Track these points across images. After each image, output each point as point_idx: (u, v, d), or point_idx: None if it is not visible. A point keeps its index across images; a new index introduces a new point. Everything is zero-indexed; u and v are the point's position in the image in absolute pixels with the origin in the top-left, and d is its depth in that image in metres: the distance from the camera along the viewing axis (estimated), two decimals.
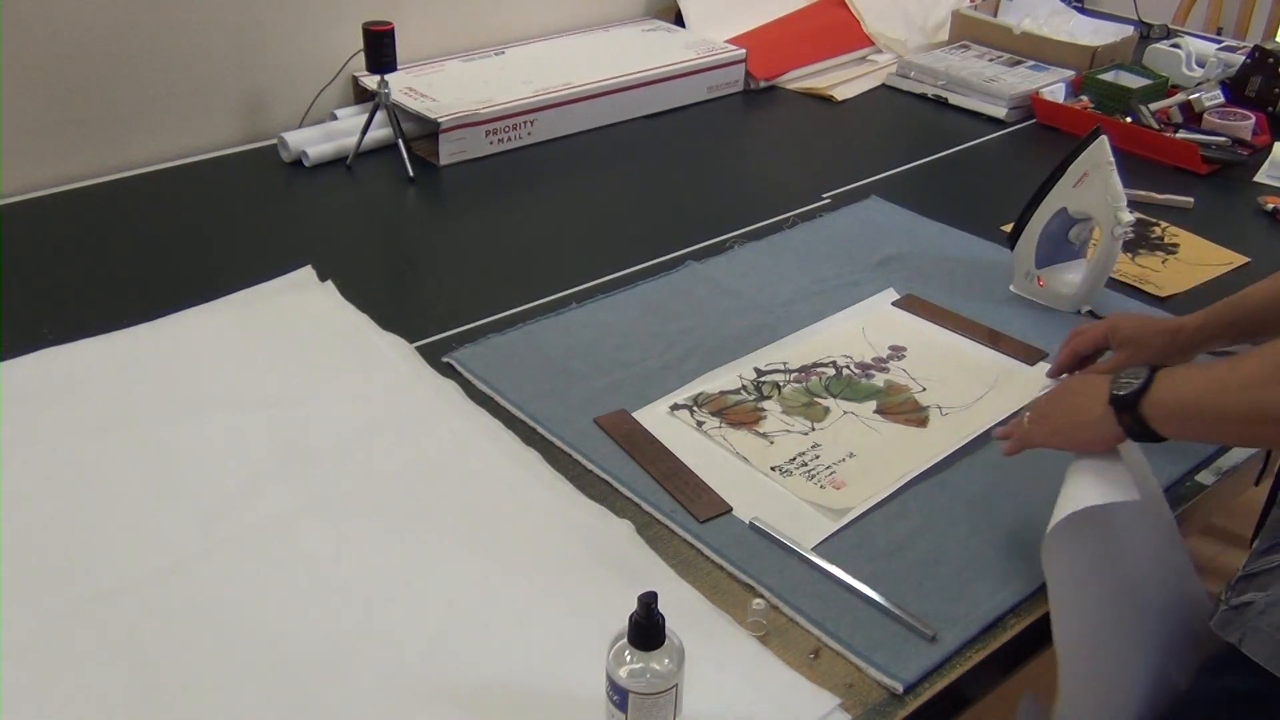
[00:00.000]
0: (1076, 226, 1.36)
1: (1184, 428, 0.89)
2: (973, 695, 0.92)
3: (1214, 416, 0.86)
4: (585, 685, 0.84)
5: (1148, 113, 1.85)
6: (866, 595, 0.94)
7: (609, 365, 1.23)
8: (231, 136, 1.76)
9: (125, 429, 1.11)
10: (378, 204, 1.63)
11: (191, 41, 1.67)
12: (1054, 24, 2.22)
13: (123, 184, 1.62)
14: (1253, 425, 0.84)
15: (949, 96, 2.03)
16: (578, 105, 1.84)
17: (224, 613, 0.91)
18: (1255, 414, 0.83)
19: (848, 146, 1.88)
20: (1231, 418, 0.85)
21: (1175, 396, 0.88)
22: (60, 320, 1.28)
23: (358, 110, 1.79)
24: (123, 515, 1.00)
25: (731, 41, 2.09)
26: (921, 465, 1.10)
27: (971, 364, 1.26)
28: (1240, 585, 0.95)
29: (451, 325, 1.30)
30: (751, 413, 1.17)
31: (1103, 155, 1.28)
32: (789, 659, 0.89)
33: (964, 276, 1.44)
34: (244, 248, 1.47)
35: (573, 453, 1.10)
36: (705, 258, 1.47)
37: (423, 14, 1.91)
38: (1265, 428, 0.84)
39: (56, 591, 0.92)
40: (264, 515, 1.01)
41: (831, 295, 1.38)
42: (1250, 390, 0.83)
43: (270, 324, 1.29)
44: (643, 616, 0.75)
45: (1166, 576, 1.00)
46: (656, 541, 1.00)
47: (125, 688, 0.84)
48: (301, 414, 1.14)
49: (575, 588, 0.95)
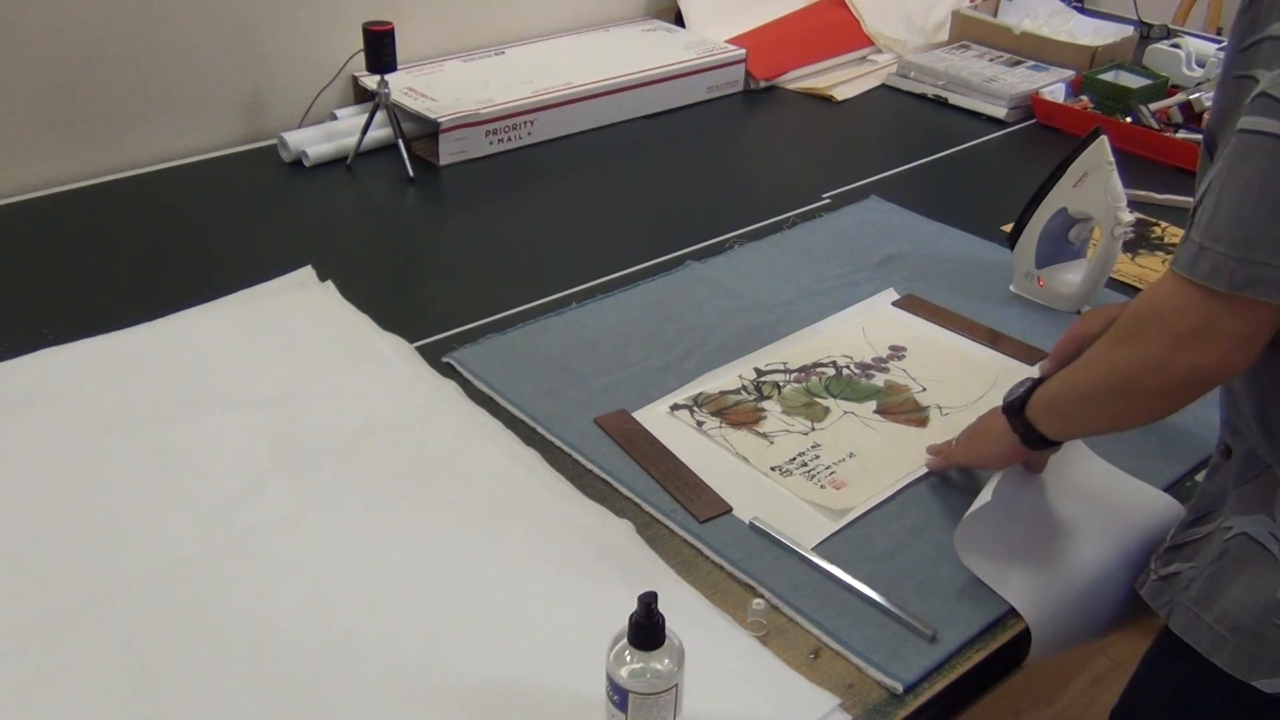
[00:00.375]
0: (1076, 226, 1.36)
1: (1059, 422, 0.92)
2: (973, 695, 0.92)
3: (1076, 398, 0.89)
4: (585, 685, 0.83)
5: (1148, 113, 1.85)
6: (866, 595, 0.94)
7: (609, 365, 1.23)
8: (231, 136, 1.76)
9: (125, 429, 1.11)
10: (378, 204, 1.63)
11: (191, 41, 1.67)
12: (1054, 24, 2.22)
13: (123, 184, 1.62)
14: (1107, 395, 0.85)
15: (949, 96, 2.03)
16: (578, 105, 1.84)
17: (223, 613, 0.91)
18: (1107, 383, 0.85)
19: (848, 146, 1.88)
20: (1091, 394, 0.87)
21: (1046, 393, 0.92)
22: (60, 320, 1.28)
23: (358, 110, 1.79)
24: (122, 516, 1.00)
25: (731, 41, 2.09)
26: (922, 465, 1.10)
27: (971, 364, 1.26)
28: (1167, 556, 0.95)
29: (451, 325, 1.30)
30: (751, 413, 1.17)
31: (1103, 155, 1.28)
32: (789, 659, 0.89)
33: (964, 276, 1.44)
34: (244, 248, 1.47)
35: (573, 453, 1.10)
36: (705, 258, 1.47)
37: (423, 14, 1.90)
38: (1115, 395, 0.85)
39: (56, 592, 0.92)
40: (264, 515, 1.01)
41: (831, 295, 1.38)
42: (1096, 364, 0.86)
43: (270, 324, 1.29)
44: (643, 616, 0.75)
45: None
46: (656, 541, 1.00)
47: (125, 688, 0.84)
48: (301, 414, 1.14)
49: (575, 588, 0.95)
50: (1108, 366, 0.84)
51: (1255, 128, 0.73)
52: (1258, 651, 0.85)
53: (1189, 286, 0.76)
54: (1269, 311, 0.74)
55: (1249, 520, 0.88)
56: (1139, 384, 0.82)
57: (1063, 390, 0.90)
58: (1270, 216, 0.72)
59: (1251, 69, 0.76)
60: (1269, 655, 0.85)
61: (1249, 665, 0.86)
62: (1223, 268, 0.74)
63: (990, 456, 1.00)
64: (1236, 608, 0.87)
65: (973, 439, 1.03)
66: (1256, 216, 0.73)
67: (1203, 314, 0.76)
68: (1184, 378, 0.78)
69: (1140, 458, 1.10)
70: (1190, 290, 0.76)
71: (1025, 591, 0.93)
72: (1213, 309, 0.75)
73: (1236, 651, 0.86)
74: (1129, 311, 0.84)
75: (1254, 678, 0.86)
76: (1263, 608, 0.85)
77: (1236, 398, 0.89)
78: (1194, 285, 0.76)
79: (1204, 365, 0.77)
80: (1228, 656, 0.87)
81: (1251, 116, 0.73)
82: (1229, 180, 0.74)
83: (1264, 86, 0.73)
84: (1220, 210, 0.75)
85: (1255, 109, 0.73)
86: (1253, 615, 0.86)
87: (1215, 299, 0.75)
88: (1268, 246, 0.72)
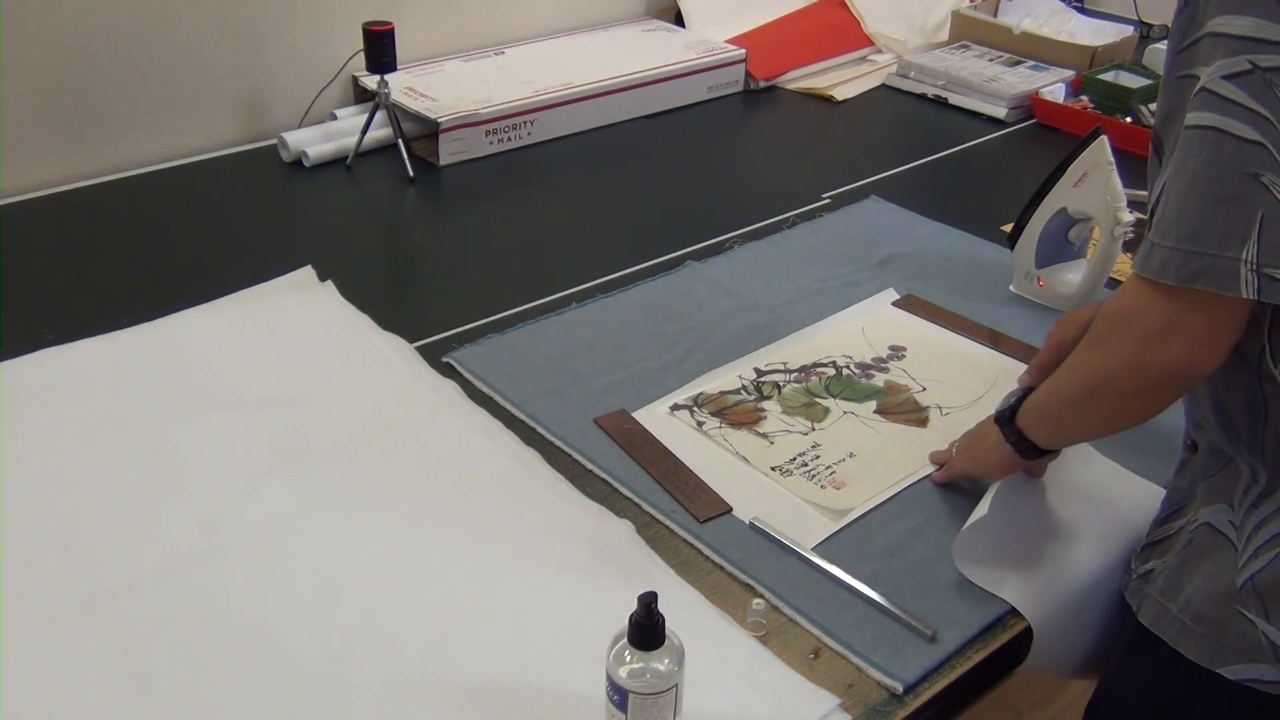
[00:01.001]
0: (1076, 226, 1.36)
1: (1048, 429, 0.93)
2: (973, 695, 0.92)
3: (1060, 405, 0.90)
4: (585, 685, 0.83)
5: (1148, 113, 1.85)
6: (866, 595, 0.94)
7: (609, 365, 1.23)
8: (231, 136, 1.76)
9: (125, 429, 1.11)
10: (378, 204, 1.63)
11: (192, 41, 1.67)
12: (1054, 24, 2.22)
13: (123, 184, 1.62)
14: (1088, 399, 0.86)
15: (949, 96, 2.03)
16: (578, 105, 1.84)
17: (224, 613, 0.91)
18: (1085, 387, 0.85)
19: (848, 146, 1.88)
20: (1072, 400, 0.88)
21: (1034, 402, 0.92)
22: (60, 320, 1.28)
23: (358, 110, 1.79)
24: (122, 515, 1.00)
25: (731, 41, 2.09)
26: (922, 465, 1.10)
27: (971, 364, 1.26)
28: (1144, 554, 0.96)
29: (451, 325, 1.30)
30: (751, 413, 1.17)
31: (1103, 155, 1.28)
32: (789, 659, 0.89)
33: (964, 276, 1.44)
34: (244, 248, 1.47)
35: (573, 453, 1.10)
36: (705, 258, 1.47)
37: (423, 14, 1.90)
38: (1096, 399, 0.85)
39: (56, 592, 0.92)
40: (264, 515, 1.01)
41: (831, 295, 1.38)
42: (1073, 370, 0.87)
43: (270, 324, 1.29)
44: (643, 616, 0.75)
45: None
46: (656, 541, 1.00)
47: (125, 688, 0.84)
48: (301, 414, 1.14)
49: (575, 588, 0.95)
50: (1083, 371, 0.86)
51: (1197, 123, 0.74)
52: (1221, 639, 0.86)
53: (1149, 286, 0.77)
54: (1227, 305, 0.75)
55: (1210, 510, 0.89)
56: (1115, 386, 0.83)
57: (1047, 398, 0.91)
58: (1214, 208, 0.73)
59: (1193, 67, 0.77)
60: (1231, 643, 0.85)
61: (1214, 654, 0.86)
62: (1171, 261, 0.75)
63: (990, 466, 1.00)
64: (1199, 596, 0.87)
65: (971, 449, 1.04)
66: (1201, 209, 0.73)
67: (1165, 312, 0.77)
68: (1157, 377, 0.79)
69: (1140, 459, 1.10)
70: (1151, 289, 0.77)
71: (1025, 592, 0.93)
72: (1174, 306, 0.76)
73: (1202, 640, 0.87)
74: (1100, 315, 0.85)
75: (1219, 665, 0.86)
76: (1224, 595, 0.86)
77: (1195, 393, 0.90)
78: (1154, 284, 0.77)
79: (1173, 363, 0.78)
80: (1194, 646, 0.88)
81: (1194, 112, 0.75)
82: (1175, 177, 0.75)
83: (1204, 82, 0.74)
84: (1168, 206, 0.75)
85: (1197, 104, 0.74)
86: (1215, 603, 0.86)
87: (1174, 296, 0.76)
88: (1213, 237, 0.73)
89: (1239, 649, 0.85)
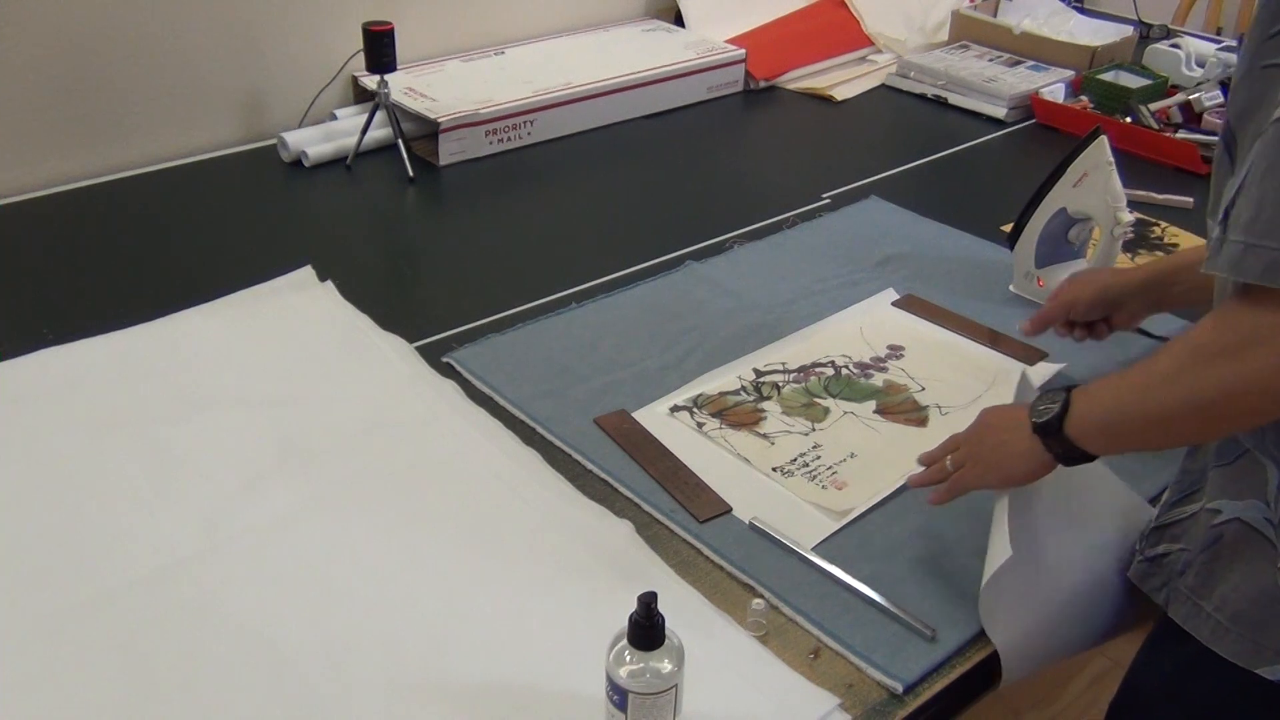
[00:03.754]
0: (1076, 226, 1.36)
1: (1113, 440, 0.87)
2: (973, 695, 0.92)
3: (1144, 420, 0.82)
4: (585, 685, 0.84)
5: (1147, 113, 1.85)
6: (866, 595, 0.94)
7: (609, 365, 1.23)
8: (231, 136, 1.76)
9: (125, 429, 1.11)
10: (378, 204, 1.63)
11: (192, 41, 1.67)
12: (1054, 24, 2.22)
13: (123, 184, 1.62)
14: (1187, 417, 0.79)
15: (949, 96, 2.03)
16: (578, 105, 1.84)
17: (224, 613, 0.91)
18: (1190, 404, 0.78)
19: (848, 146, 1.88)
20: (1164, 416, 0.80)
21: (1098, 412, 0.85)
22: (60, 320, 1.28)
23: (357, 110, 1.79)
24: (122, 515, 1.00)
25: (731, 41, 2.09)
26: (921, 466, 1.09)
27: (971, 364, 1.26)
28: (1153, 537, 0.95)
29: (451, 325, 1.30)
30: (751, 414, 1.17)
31: (1102, 155, 1.28)
32: (789, 659, 0.89)
33: (964, 276, 1.44)
34: (244, 248, 1.47)
35: (573, 453, 1.10)
36: (705, 258, 1.47)
37: (423, 14, 1.91)
38: (1198, 417, 0.79)
39: (56, 592, 0.92)
40: (264, 515, 1.01)
41: (831, 295, 1.38)
42: (1178, 382, 0.78)
43: (270, 324, 1.29)
44: (643, 616, 0.75)
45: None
46: (656, 541, 1.00)
47: (125, 688, 0.84)
48: (301, 414, 1.14)
49: (575, 588, 0.95)
50: (1196, 387, 0.77)
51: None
52: (1259, 639, 0.84)
53: (1270, 296, 0.70)
54: None
55: (1242, 506, 0.86)
56: (1239, 404, 0.75)
57: (1125, 410, 0.83)
58: None
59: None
60: (1272, 642, 0.84)
61: (1253, 653, 0.85)
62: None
63: (1016, 476, 0.92)
64: (1236, 595, 0.86)
65: (985, 459, 0.95)
66: None
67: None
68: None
69: (1139, 459, 1.10)
70: (1273, 299, 0.70)
71: (1004, 625, 0.91)
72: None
73: (1239, 640, 0.85)
74: (1215, 328, 0.77)
75: (1257, 665, 0.84)
76: (1265, 595, 0.84)
77: None
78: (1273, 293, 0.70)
79: None
80: (1230, 645, 0.86)
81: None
82: (1270, 173, 0.70)
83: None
84: (1266, 205, 0.70)
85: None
86: (1255, 602, 0.85)
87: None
88: None
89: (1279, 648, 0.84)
